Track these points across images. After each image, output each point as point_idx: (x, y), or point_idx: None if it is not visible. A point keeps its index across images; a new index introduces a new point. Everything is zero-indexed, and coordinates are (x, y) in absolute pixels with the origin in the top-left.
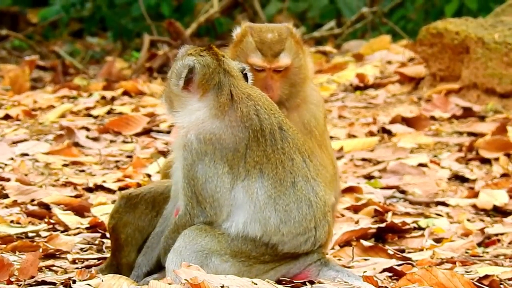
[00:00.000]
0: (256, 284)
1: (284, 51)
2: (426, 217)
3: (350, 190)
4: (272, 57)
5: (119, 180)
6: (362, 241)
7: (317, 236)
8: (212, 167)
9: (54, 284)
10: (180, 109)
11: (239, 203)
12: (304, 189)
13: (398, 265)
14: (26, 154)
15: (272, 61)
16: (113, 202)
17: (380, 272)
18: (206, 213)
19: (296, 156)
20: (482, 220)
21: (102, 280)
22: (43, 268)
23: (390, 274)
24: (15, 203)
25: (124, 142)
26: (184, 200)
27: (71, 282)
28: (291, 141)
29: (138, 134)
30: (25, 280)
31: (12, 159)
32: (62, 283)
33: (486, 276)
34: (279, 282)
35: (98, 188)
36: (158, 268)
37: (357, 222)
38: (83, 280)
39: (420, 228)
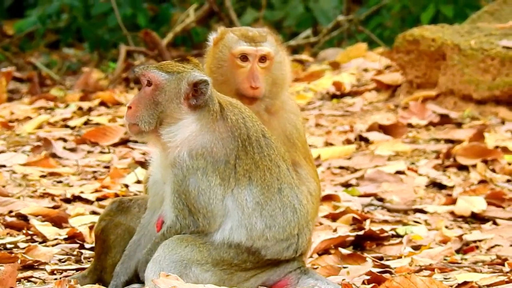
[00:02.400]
0: None
1: (267, 41)
2: (404, 224)
3: (328, 198)
4: (257, 43)
5: (96, 191)
6: (340, 249)
7: (299, 243)
8: (205, 180)
9: None
10: (170, 126)
11: (229, 211)
12: (289, 195)
13: (377, 273)
14: (4, 166)
15: (258, 46)
16: (91, 212)
17: (363, 284)
18: (199, 223)
19: (281, 164)
20: (460, 227)
21: None
22: (22, 279)
23: (370, 285)
24: None
25: (101, 152)
26: (174, 212)
27: None
28: (275, 149)
29: (115, 145)
30: None
31: None
32: None
33: (465, 283)
34: None
35: (76, 199)
36: (136, 277)
37: (335, 230)
38: None
39: (398, 236)
